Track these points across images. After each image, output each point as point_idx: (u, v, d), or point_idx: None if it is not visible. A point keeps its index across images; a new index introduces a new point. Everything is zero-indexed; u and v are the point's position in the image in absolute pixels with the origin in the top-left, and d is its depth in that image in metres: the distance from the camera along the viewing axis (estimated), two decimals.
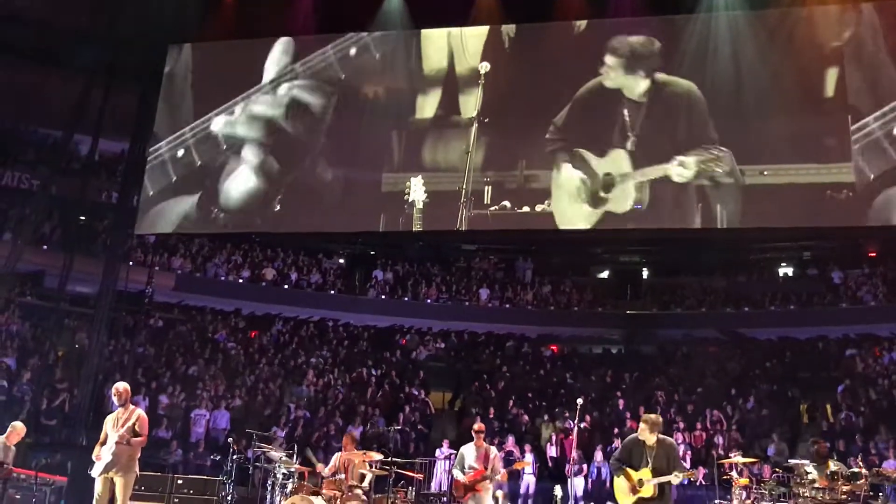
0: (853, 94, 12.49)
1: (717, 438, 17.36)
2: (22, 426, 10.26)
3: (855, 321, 22.68)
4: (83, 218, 21.42)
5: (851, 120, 12.26)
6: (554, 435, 17.79)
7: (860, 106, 12.39)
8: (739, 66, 12.95)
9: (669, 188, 12.57)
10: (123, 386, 8.78)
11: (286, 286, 25.42)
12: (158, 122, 15.12)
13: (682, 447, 16.66)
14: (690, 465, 16.49)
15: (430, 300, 26.17)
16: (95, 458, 8.49)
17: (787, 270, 26.58)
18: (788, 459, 13.17)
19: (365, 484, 10.31)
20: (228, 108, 14.92)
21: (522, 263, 27.87)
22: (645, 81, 13.05)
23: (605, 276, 28.23)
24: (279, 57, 15.15)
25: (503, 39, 14.05)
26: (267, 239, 24.28)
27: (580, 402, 10.40)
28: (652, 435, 7.77)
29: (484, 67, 13.66)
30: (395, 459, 10.67)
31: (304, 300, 25.15)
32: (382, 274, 26.91)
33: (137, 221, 14.77)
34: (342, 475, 10.24)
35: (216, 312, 23.91)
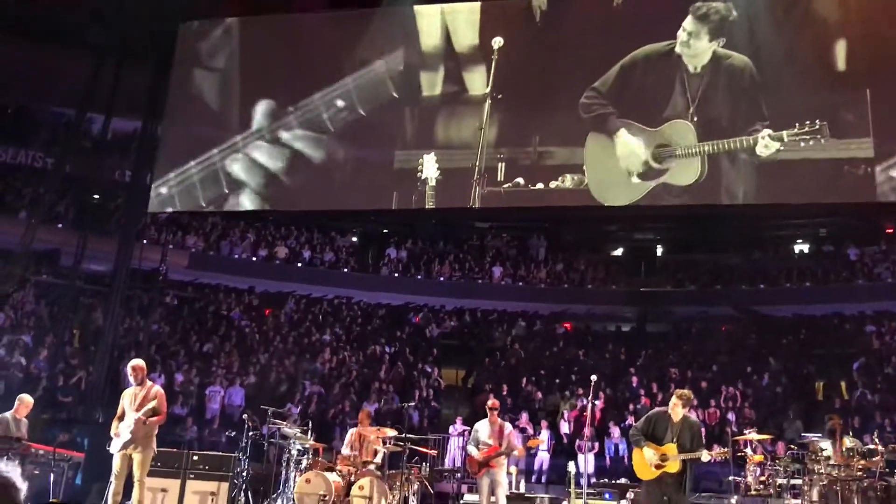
0: (870, 67, 12.26)
1: (730, 415, 17.36)
2: (29, 398, 10.26)
3: (871, 298, 22.57)
4: (97, 196, 21.54)
5: (870, 95, 12.04)
6: (567, 412, 17.87)
7: (878, 80, 12.16)
8: (756, 39, 12.69)
9: (723, 164, 12.10)
10: (139, 363, 8.80)
11: (299, 264, 25.53)
12: (171, 99, 15.07)
13: None
14: (705, 442, 16.54)
15: (443, 278, 26.22)
16: (114, 434, 8.55)
17: (802, 247, 26.43)
18: (803, 436, 13.18)
19: (378, 459, 10.40)
20: (242, 87, 14.85)
21: (536, 241, 27.82)
22: (709, 51, 12.50)
23: (618, 253, 28.13)
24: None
25: (521, 13, 13.79)
26: (280, 217, 24.32)
27: (594, 379, 10.41)
28: (682, 411, 7.77)
29: (497, 43, 13.47)
30: (408, 435, 10.74)
31: (317, 278, 25.27)
32: (395, 252, 26.95)
33: (150, 200, 14.77)
34: (356, 452, 10.34)
35: (230, 290, 24.06)
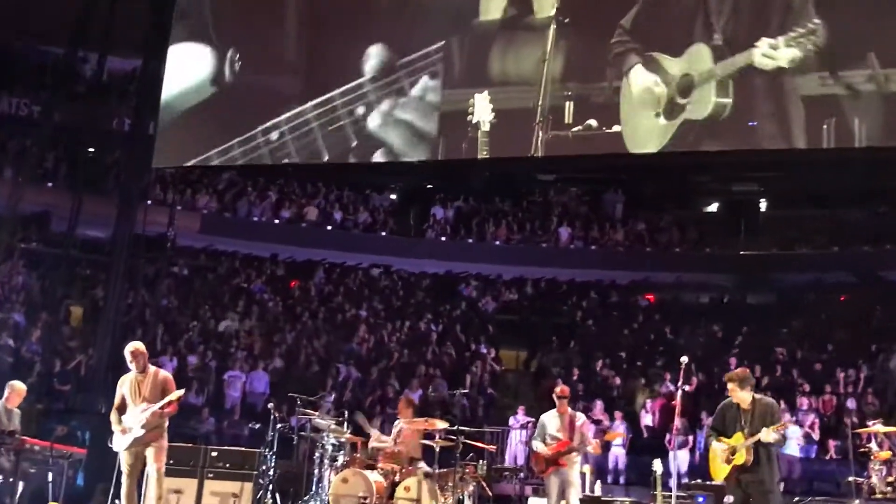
0: None
1: (850, 403, 17.14)
2: (21, 385, 10.47)
3: None
4: (92, 150, 21.88)
5: None
6: (650, 401, 17.82)
7: None
8: None
9: (761, 87, 11.76)
10: (140, 347, 8.75)
11: (329, 227, 25.74)
12: (175, 33, 15.13)
13: (809, 416, 16.55)
14: (819, 435, 16.40)
15: (499, 241, 26.22)
16: (119, 430, 8.61)
17: None
18: None
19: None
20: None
21: (612, 196, 27.61)
22: None
23: (713, 209, 27.88)
24: None
25: None
26: (306, 172, 24.44)
27: (684, 361, 10.32)
28: (746, 394, 7.73)
29: None
30: (462, 428, 10.79)
31: (350, 243, 25.47)
32: (442, 211, 26.98)
33: (155, 152, 14.91)
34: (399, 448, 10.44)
35: (249, 259, 24.40)
